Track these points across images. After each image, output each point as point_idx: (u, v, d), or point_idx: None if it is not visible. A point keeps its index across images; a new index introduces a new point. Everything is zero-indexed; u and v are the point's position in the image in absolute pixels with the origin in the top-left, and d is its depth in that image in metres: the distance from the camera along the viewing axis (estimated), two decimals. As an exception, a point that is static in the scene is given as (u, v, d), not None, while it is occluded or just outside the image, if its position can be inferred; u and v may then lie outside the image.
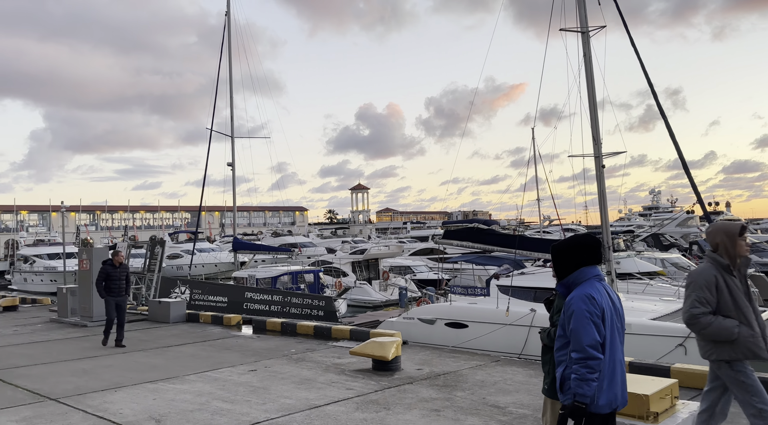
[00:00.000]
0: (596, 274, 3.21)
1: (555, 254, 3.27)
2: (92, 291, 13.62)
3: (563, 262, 3.23)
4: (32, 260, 46.63)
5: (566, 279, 3.22)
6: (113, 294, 10.86)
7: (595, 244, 3.28)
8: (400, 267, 34.34)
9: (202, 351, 9.98)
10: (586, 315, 3.01)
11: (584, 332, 3.00)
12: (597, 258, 3.26)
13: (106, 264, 11.01)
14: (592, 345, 3.01)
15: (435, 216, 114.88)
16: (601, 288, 3.18)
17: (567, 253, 3.23)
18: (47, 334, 12.48)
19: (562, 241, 3.34)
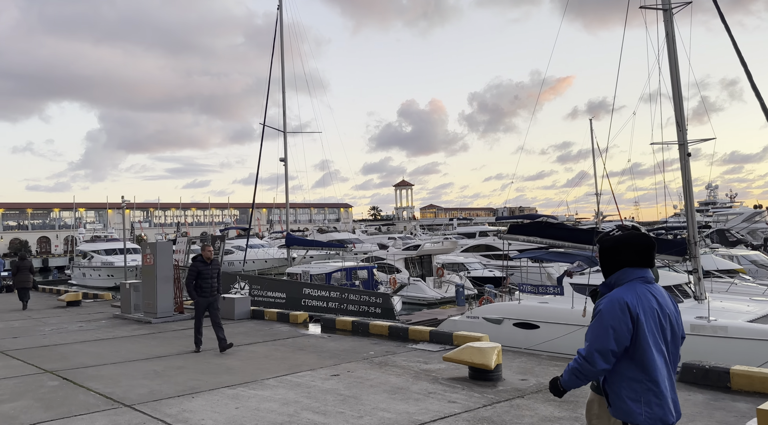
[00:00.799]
0: (641, 276, 2.91)
1: (600, 250, 3.03)
2: (156, 286, 13.23)
3: (607, 260, 2.98)
4: (90, 256, 47.82)
5: (609, 279, 2.96)
6: (205, 295, 9.50)
7: (645, 244, 2.95)
8: (453, 263, 33.28)
9: (275, 352, 9.28)
10: (609, 320, 2.76)
11: (599, 335, 2.79)
12: (645, 260, 2.93)
13: (197, 260, 9.58)
14: (601, 352, 2.78)
15: (480, 212, 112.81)
16: (645, 292, 2.86)
17: (612, 251, 2.97)
18: (112, 331, 12.10)
19: (610, 237, 3.03)
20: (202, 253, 9.69)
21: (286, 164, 31.02)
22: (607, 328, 2.78)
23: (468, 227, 67.93)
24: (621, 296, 2.83)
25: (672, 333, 2.88)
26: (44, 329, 12.67)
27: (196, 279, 9.41)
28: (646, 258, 2.93)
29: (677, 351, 2.94)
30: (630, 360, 2.80)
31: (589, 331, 2.86)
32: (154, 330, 12.07)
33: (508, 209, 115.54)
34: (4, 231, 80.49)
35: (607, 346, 2.77)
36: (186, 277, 9.65)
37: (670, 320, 2.88)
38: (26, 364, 8.83)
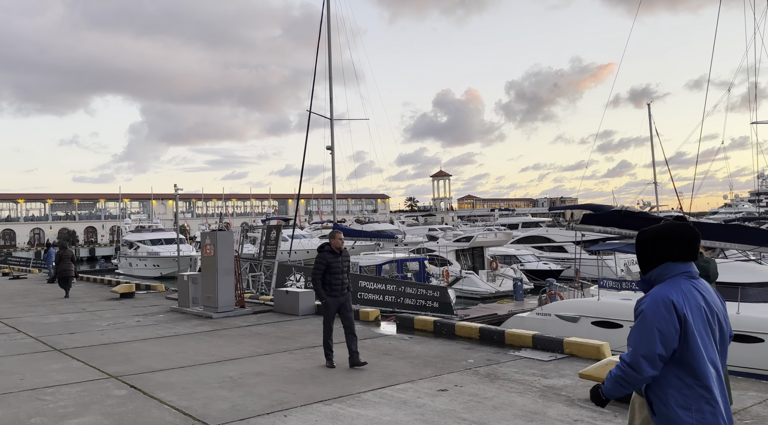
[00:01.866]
0: (685, 271, 2.59)
1: (637, 244, 2.68)
2: (217, 278, 12.32)
3: (646, 254, 2.64)
4: (137, 246, 48.04)
5: (649, 275, 2.62)
6: (335, 293, 7.47)
7: (688, 235, 2.60)
8: (504, 256, 31.81)
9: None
10: (653, 321, 2.46)
11: (644, 339, 2.48)
12: (688, 253, 2.60)
13: (324, 250, 7.57)
14: (647, 357, 2.48)
15: (519, 203, 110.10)
16: (691, 289, 2.55)
17: (651, 244, 2.62)
18: (173, 327, 11.22)
19: (649, 229, 2.68)
20: (330, 242, 7.62)
21: (333, 152, 30.05)
22: (652, 330, 2.50)
23: (510, 218, 65.95)
24: (665, 294, 2.55)
25: (720, 332, 2.64)
26: (101, 324, 11.91)
27: (324, 273, 7.47)
28: (689, 251, 2.64)
29: (725, 352, 2.66)
30: (677, 365, 2.55)
31: (632, 334, 2.57)
32: (217, 326, 11.15)
33: (548, 200, 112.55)
34: (53, 221, 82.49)
35: (654, 350, 2.50)
36: (312, 272, 7.61)
37: (718, 318, 2.63)
38: (87, 366, 7.95)
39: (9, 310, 14.47)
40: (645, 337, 2.51)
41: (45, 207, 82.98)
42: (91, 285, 22.01)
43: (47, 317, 13.09)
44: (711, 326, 2.58)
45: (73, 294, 18.46)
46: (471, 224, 68.88)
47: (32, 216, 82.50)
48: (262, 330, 10.48)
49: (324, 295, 7.50)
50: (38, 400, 6.32)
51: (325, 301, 7.53)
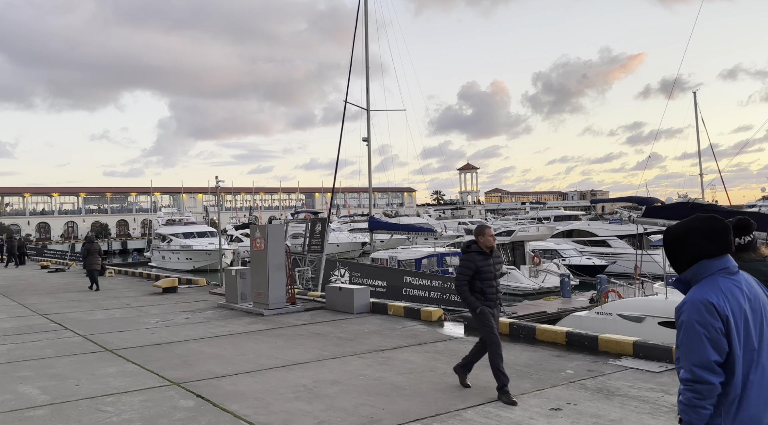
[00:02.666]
0: (723, 267, 2.36)
1: (665, 242, 2.47)
2: (268, 274, 11.63)
3: (678, 253, 2.41)
4: (169, 239, 48.07)
5: (684, 275, 2.40)
6: (489, 303, 5.89)
7: (719, 228, 2.37)
8: (544, 250, 30.66)
9: (435, 362, 7.34)
10: (698, 327, 2.25)
11: (694, 348, 2.27)
12: (722, 247, 2.36)
13: (471, 250, 5.99)
14: (703, 366, 2.26)
15: (547, 196, 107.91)
16: (731, 287, 2.32)
17: (681, 242, 2.39)
18: (225, 326, 10.55)
19: (676, 225, 2.47)
20: (477, 240, 6.00)
21: (369, 144, 29.20)
22: (699, 338, 2.26)
23: (541, 211, 64.42)
24: (704, 296, 2.30)
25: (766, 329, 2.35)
26: (149, 321, 11.33)
27: (472, 278, 5.94)
28: (723, 244, 2.37)
29: None
30: None
31: (682, 348, 2.32)
32: (271, 324, 10.44)
33: (578, 193, 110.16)
34: (86, 214, 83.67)
35: (709, 357, 2.25)
36: (456, 277, 6.08)
37: (763, 314, 2.36)
38: (144, 370, 7.30)
39: (53, 306, 14.05)
40: (695, 347, 2.32)
41: (78, 200, 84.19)
42: (130, 278, 21.67)
43: (92, 313, 12.59)
44: (754, 327, 2.36)
45: (113, 287, 18.07)
46: (501, 218, 67.46)
47: (66, 210, 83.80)
48: (321, 330, 9.73)
49: (477, 302, 5.87)
50: (99, 412, 5.65)
51: (480, 310, 5.87)
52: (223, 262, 45.38)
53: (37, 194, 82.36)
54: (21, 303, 14.58)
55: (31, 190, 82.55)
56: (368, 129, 28.94)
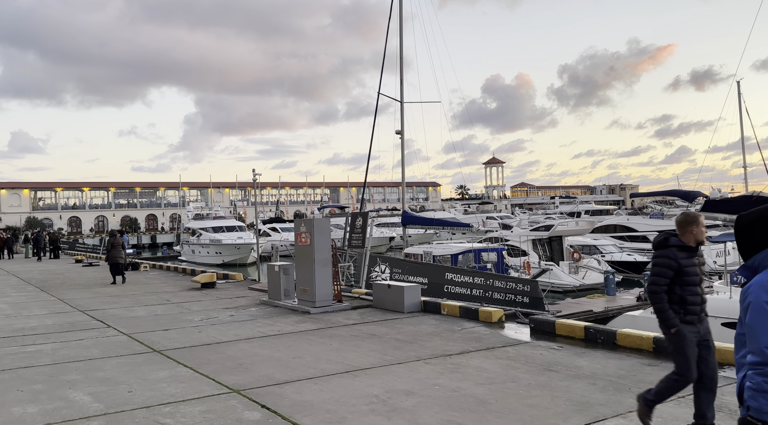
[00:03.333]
0: None
1: (736, 229, 2.45)
2: (314, 270, 11.07)
3: (745, 239, 2.39)
4: (199, 233, 48.15)
5: (752, 261, 2.36)
6: (692, 318, 4.36)
7: None
8: (581, 246, 29.62)
9: (512, 371, 6.64)
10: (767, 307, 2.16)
11: (764, 329, 2.18)
12: None
13: (670, 245, 4.41)
14: None
15: (574, 190, 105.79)
16: None
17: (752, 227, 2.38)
18: (273, 324, 10.02)
19: (747, 213, 2.44)
20: (681, 232, 4.44)
21: (402, 136, 28.53)
22: None
23: (572, 206, 62.94)
24: None
25: None
26: (192, 318, 10.87)
27: (673, 283, 4.37)
28: None
29: None
30: None
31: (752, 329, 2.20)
32: (320, 323, 9.87)
33: (606, 187, 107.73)
34: (116, 209, 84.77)
35: None
36: (650, 280, 4.44)
37: None
38: (198, 375, 6.77)
39: (92, 301, 13.73)
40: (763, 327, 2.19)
41: (108, 195, 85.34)
42: (165, 273, 21.42)
43: (133, 309, 12.20)
44: None
45: (149, 282, 17.78)
46: (529, 212, 66.12)
47: (96, 205, 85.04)
48: (375, 331, 9.12)
49: (675, 320, 4.33)
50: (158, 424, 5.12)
51: (678, 330, 4.33)
52: (252, 256, 45.48)
53: (68, 189, 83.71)
54: (60, 299, 14.32)
55: (63, 184, 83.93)
56: (402, 121, 28.25)
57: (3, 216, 76.67)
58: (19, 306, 12.90)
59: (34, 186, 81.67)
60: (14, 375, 6.86)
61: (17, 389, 6.28)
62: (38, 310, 12.29)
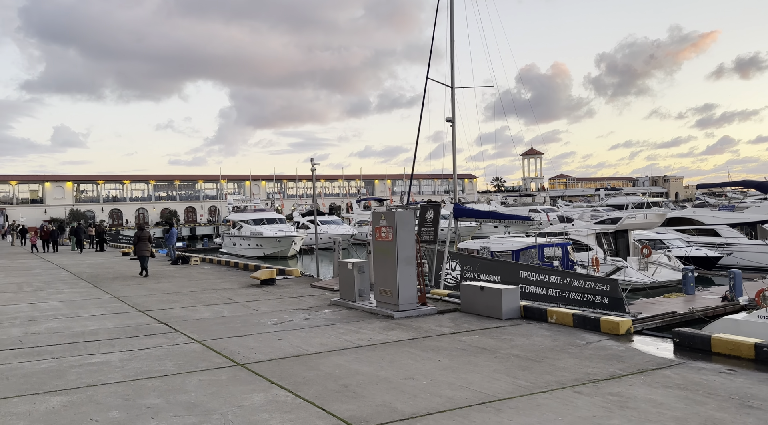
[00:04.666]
0: None
1: None
2: (397, 269, 9.78)
3: None
4: (239, 225, 47.63)
5: None
6: None
7: None
8: (648, 240, 27.63)
9: (700, 407, 5.16)
10: None
11: None
12: None
13: None
14: None
15: (615, 182, 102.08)
16: None
17: None
18: (357, 331, 8.76)
19: None
20: None
21: (453, 125, 26.89)
22: None
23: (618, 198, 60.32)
24: None
25: None
26: (265, 321, 9.72)
27: None
28: None
29: None
30: None
31: None
32: (412, 331, 8.57)
33: (649, 178, 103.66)
34: (156, 201, 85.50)
35: None
36: None
37: None
38: (302, 401, 5.53)
39: (149, 299, 12.77)
40: None
41: (148, 187, 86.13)
42: (216, 267, 20.53)
43: (196, 310, 11.15)
44: None
45: (204, 277, 16.84)
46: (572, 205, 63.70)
47: (136, 197, 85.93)
48: (482, 343, 7.77)
49: None
50: (280, 482, 3.87)
51: None
52: (292, 249, 44.66)
53: (109, 181, 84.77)
54: (115, 296, 13.43)
55: (104, 177, 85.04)
56: (453, 108, 26.56)
57: (48, 209, 78.13)
58: (74, 305, 12.02)
59: (76, 178, 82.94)
60: (84, 398, 5.76)
61: (90, 418, 5.17)
62: (95, 310, 11.36)
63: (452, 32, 25.87)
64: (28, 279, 17.62)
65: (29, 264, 23.59)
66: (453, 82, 26.17)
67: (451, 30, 25.96)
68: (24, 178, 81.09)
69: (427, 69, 26.63)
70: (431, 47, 26.34)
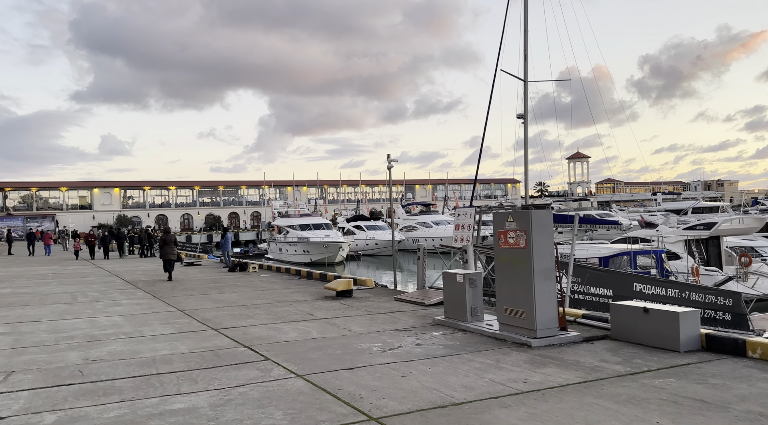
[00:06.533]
0: None
1: None
2: (533, 284, 7.72)
3: None
4: (286, 231, 46.31)
5: None
6: None
7: None
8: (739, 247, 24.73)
9: None
10: None
11: None
12: None
13: None
14: None
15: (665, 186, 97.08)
16: None
17: None
18: (500, 367, 6.70)
19: None
20: None
21: (525, 121, 24.73)
22: None
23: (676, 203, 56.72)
24: None
25: None
26: (368, 347, 7.77)
27: None
28: None
29: None
30: None
31: None
32: (575, 369, 6.47)
33: (701, 183, 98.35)
34: (200, 207, 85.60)
35: None
36: None
37: None
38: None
39: (219, 314, 11.03)
40: None
41: (193, 193, 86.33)
42: (277, 275, 18.83)
43: (278, 328, 9.30)
44: None
45: (269, 287, 15.09)
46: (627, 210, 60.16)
47: (181, 203, 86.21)
48: (694, 392, 5.59)
49: None
50: None
51: None
52: (339, 255, 42.97)
53: (155, 188, 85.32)
54: (179, 309, 11.76)
55: (150, 183, 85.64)
56: (525, 103, 24.46)
57: (96, 214, 78.98)
58: (136, 321, 10.37)
59: (123, 185, 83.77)
60: (179, 479, 3.90)
61: None
62: (161, 327, 9.66)
63: (526, 23, 23.71)
64: (81, 288, 16.25)
65: (82, 271, 22.45)
66: (526, 75, 24.02)
67: (525, 21, 23.82)
68: (73, 185, 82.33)
69: (497, 60, 24.44)
70: (502, 37, 24.31)
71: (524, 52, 23.85)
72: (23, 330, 9.61)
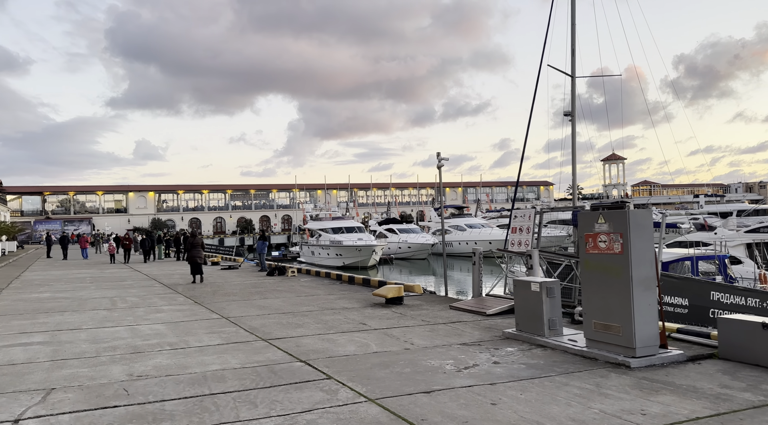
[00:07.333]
0: None
1: None
2: (632, 296, 6.68)
3: None
4: (318, 234, 45.76)
5: None
6: None
7: None
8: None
9: None
10: None
11: None
12: None
13: None
14: None
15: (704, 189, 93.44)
16: None
17: None
18: (603, 393, 5.69)
19: None
20: None
21: (573, 119, 23.45)
22: None
23: (720, 205, 54.14)
24: None
25: None
26: (438, 364, 6.84)
27: None
28: None
29: None
30: None
31: None
32: (696, 397, 5.42)
33: (743, 185, 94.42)
34: (232, 210, 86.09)
35: None
36: None
37: None
38: None
39: (266, 322, 10.26)
40: None
41: (225, 197, 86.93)
42: (315, 279, 18.08)
43: (332, 340, 8.46)
44: None
45: (312, 292, 14.30)
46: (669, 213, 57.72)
47: (214, 206, 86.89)
48: None
49: None
50: None
51: None
52: (372, 259, 42.16)
53: (188, 192, 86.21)
54: (223, 316, 11.06)
55: (184, 187, 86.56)
56: (573, 100, 23.09)
57: (131, 218, 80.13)
58: (180, 329, 9.68)
59: (157, 189, 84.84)
60: None
61: None
62: (207, 337, 8.93)
63: (573, 17, 22.44)
64: (120, 292, 15.78)
65: (119, 275, 22.14)
66: (573, 71, 22.74)
67: (572, 15, 22.60)
68: (109, 189, 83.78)
69: (542, 54, 23.19)
70: (547, 31, 23.08)
71: (572, 47, 22.58)
72: (63, 338, 9.01)
